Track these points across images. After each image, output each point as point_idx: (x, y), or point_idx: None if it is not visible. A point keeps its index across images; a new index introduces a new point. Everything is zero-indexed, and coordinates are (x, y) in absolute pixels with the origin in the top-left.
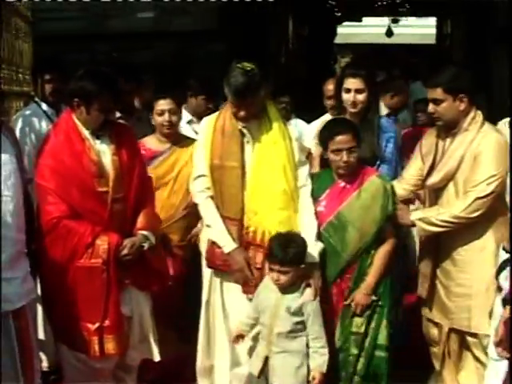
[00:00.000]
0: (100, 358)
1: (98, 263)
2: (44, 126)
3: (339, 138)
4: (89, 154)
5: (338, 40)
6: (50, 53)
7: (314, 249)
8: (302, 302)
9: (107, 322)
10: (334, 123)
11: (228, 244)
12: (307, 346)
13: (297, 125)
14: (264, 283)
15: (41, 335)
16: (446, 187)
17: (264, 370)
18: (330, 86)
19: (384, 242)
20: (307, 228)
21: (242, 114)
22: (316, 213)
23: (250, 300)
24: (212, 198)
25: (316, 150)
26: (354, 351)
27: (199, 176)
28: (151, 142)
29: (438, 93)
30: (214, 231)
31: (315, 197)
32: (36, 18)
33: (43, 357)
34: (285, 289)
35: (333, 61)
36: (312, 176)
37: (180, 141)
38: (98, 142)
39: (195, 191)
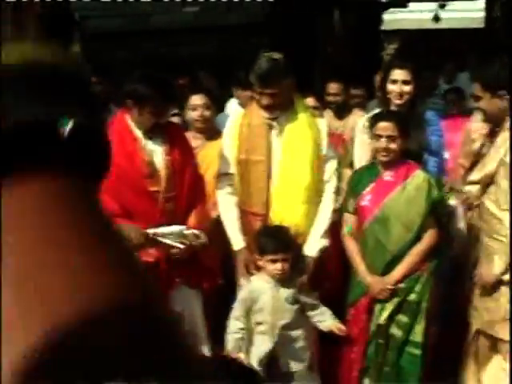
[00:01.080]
0: None
1: (149, 262)
2: None
3: (380, 124)
4: (140, 155)
5: (384, 27)
6: (95, 51)
7: (316, 244)
8: (298, 290)
9: None
10: (380, 112)
11: (237, 242)
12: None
13: None
14: (250, 285)
15: None
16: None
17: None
18: (378, 78)
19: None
20: (318, 223)
21: (265, 101)
22: (361, 207)
23: None
24: (233, 194)
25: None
26: (381, 341)
27: (223, 174)
28: None
29: (476, 89)
30: (227, 227)
31: (359, 191)
32: (80, 17)
33: None
34: (282, 280)
35: (380, 48)
36: (356, 171)
37: (214, 136)
38: (150, 142)
39: (217, 188)
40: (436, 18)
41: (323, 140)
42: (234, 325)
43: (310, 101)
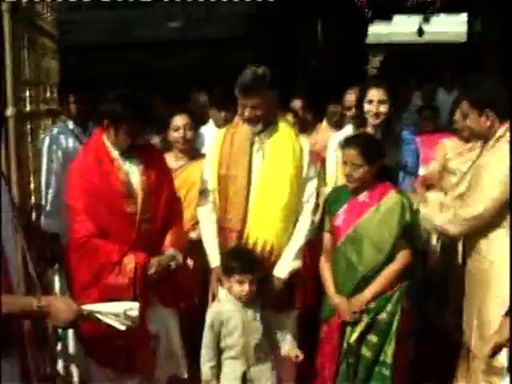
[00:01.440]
0: (127, 375)
1: (124, 282)
2: (71, 144)
3: (345, 151)
4: (117, 175)
5: (368, 40)
6: (79, 64)
7: (287, 266)
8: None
9: (134, 340)
10: (347, 138)
11: (213, 260)
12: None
13: None
14: (213, 312)
15: (71, 349)
16: None
17: None
18: (350, 97)
19: (394, 259)
20: (292, 244)
21: (247, 113)
22: (335, 227)
23: None
24: (213, 211)
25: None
26: (350, 360)
27: (203, 190)
28: (169, 160)
29: (464, 106)
30: (205, 244)
31: (333, 211)
32: (63, 30)
33: (74, 370)
34: (249, 301)
35: (364, 61)
36: (333, 190)
37: (196, 157)
38: (127, 162)
39: (198, 205)
40: (420, 32)
41: (305, 159)
42: (207, 353)
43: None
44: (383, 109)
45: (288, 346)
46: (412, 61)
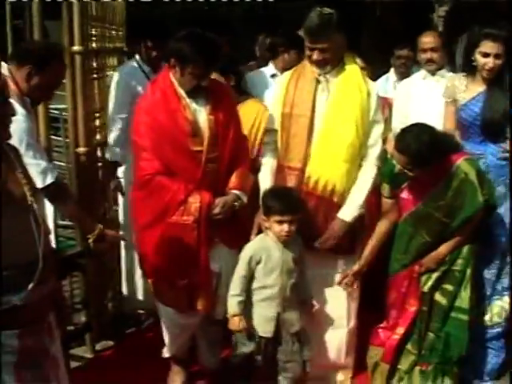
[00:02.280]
0: (188, 314)
1: (189, 220)
2: (141, 82)
3: (397, 155)
4: (184, 113)
5: None
6: (142, 8)
7: (353, 211)
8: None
9: (197, 279)
10: (402, 138)
11: None
12: None
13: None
14: (255, 246)
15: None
16: None
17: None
18: (426, 39)
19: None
20: (358, 189)
21: (315, 56)
22: (400, 199)
23: None
24: (276, 150)
25: None
26: (424, 308)
27: (268, 130)
28: None
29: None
30: (261, 182)
31: (398, 183)
32: None
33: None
34: (288, 241)
35: (430, 10)
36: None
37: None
38: (193, 101)
39: (263, 144)
40: None
41: (372, 102)
42: (237, 286)
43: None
44: (499, 62)
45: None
46: (481, 11)
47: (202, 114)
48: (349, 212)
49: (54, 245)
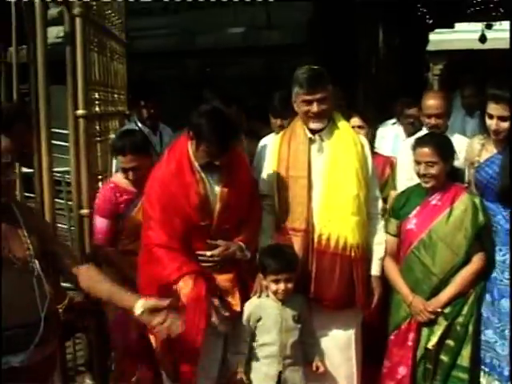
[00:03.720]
0: None
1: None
2: None
3: (418, 150)
4: (196, 187)
5: (430, 47)
6: (142, 70)
7: (380, 264)
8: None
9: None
10: (420, 137)
11: None
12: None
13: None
14: (253, 304)
15: None
16: None
17: None
18: (430, 102)
19: (469, 261)
20: (377, 243)
21: (315, 109)
22: (406, 231)
23: None
24: (271, 214)
25: None
26: (429, 366)
27: (262, 195)
28: (123, 181)
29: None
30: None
31: (403, 214)
32: (130, 37)
33: None
34: (286, 299)
35: (425, 69)
36: (402, 192)
37: None
38: (208, 173)
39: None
40: (482, 39)
41: (367, 155)
42: (239, 344)
43: (356, 121)
44: (504, 124)
45: (314, 353)
46: (474, 68)
47: (214, 187)
48: (378, 267)
49: None
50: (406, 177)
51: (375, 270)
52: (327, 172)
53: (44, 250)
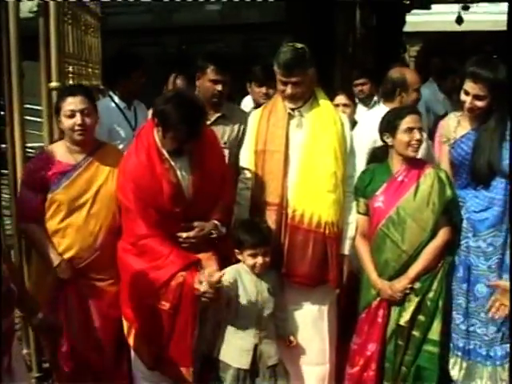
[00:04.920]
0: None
1: (165, 306)
2: (115, 118)
3: (410, 117)
4: (168, 176)
5: (406, 28)
6: (119, 47)
7: (350, 244)
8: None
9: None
10: (399, 108)
11: None
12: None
13: None
14: (234, 269)
15: None
16: None
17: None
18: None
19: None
20: (349, 223)
21: (289, 91)
22: (374, 209)
23: None
24: (248, 189)
25: None
26: (400, 342)
27: (241, 168)
28: (59, 152)
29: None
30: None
31: (369, 193)
32: (105, 13)
33: None
34: (263, 272)
35: (402, 50)
36: (366, 170)
37: (98, 150)
38: (177, 160)
39: (238, 185)
40: (459, 20)
41: (346, 132)
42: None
43: (341, 98)
44: (479, 103)
45: (286, 328)
46: (450, 50)
47: (184, 174)
48: (348, 246)
49: None
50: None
51: (345, 249)
52: (304, 148)
53: None
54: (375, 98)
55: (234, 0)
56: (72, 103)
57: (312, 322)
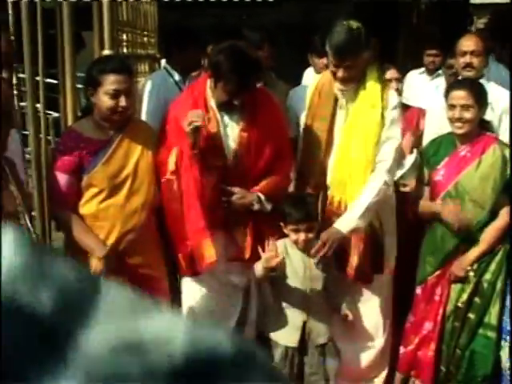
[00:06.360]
0: None
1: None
2: (172, 92)
3: (453, 93)
4: (208, 125)
5: (473, 0)
6: (178, 18)
7: (351, 223)
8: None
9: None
10: (454, 81)
11: None
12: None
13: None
14: (281, 246)
15: None
16: None
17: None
18: (465, 40)
19: (497, 216)
20: (360, 201)
21: (340, 74)
22: (434, 182)
23: None
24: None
25: None
26: (456, 324)
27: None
28: (88, 129)
29: None
30: None
31: (432, 164)
32: None
33: None
34: (308, 247)
35: (468, 22)
36: (432, 141)
37: (128, 124)
38: (226, 114)
39: None
40: None
41: (387, 118)
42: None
43: (393, 72)
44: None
45: (342, 303)
46: None
47: (233, 129)
48: (345, 223)
49: None
50: (434, 130)
51: (338, 223)
52: (342, 132)
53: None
54: (439, 71)
55: None
56: (116, 82)
57: (366, 297)
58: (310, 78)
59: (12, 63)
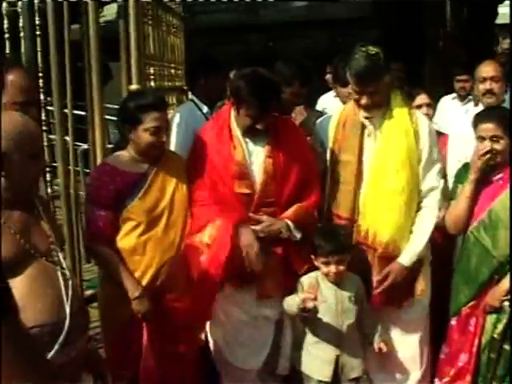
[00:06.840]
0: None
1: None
2: (200, 123)
3: (482, 125)
4: (232, 153)
5: (499, 20)
6: (205, 46)
7: (412, 256)
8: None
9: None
10: (481, 111)
11: None
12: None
13: None
14: (311, 277)
15: None
16: None
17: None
18: (485, 66)
19: None
20: (417, 233)
21: (364, 101)
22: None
23: None
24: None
25: None
26: (492, 356)
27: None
28: (123, 163)
29: None
30: None
31: None
32: (191, 11)
33: None
34: (339, 280)
35: (495, 42)
36: (465, 165)
37: (161, 157)
38: (250, 141)
39: None
40: None
41: (423, 144)
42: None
43: (424, 98)
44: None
45: (376, 336)
46: None
47: (259, 156)
48: (408, 258)
49: None
50: (458, 157)
51: (401, 258)
52: (373, 164)
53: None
54: (470, 96)
55: None
56: (156, 119)
57: (402, 328)
58: (325, 103)
59: (39, 100)
